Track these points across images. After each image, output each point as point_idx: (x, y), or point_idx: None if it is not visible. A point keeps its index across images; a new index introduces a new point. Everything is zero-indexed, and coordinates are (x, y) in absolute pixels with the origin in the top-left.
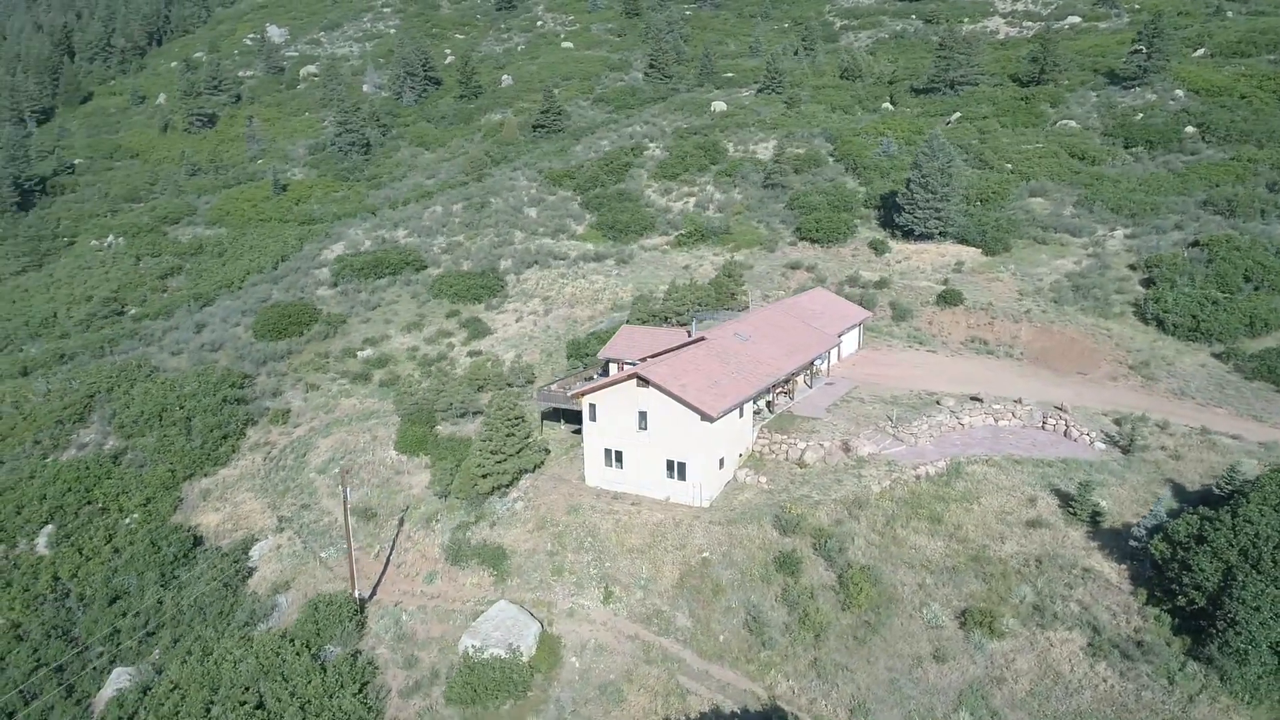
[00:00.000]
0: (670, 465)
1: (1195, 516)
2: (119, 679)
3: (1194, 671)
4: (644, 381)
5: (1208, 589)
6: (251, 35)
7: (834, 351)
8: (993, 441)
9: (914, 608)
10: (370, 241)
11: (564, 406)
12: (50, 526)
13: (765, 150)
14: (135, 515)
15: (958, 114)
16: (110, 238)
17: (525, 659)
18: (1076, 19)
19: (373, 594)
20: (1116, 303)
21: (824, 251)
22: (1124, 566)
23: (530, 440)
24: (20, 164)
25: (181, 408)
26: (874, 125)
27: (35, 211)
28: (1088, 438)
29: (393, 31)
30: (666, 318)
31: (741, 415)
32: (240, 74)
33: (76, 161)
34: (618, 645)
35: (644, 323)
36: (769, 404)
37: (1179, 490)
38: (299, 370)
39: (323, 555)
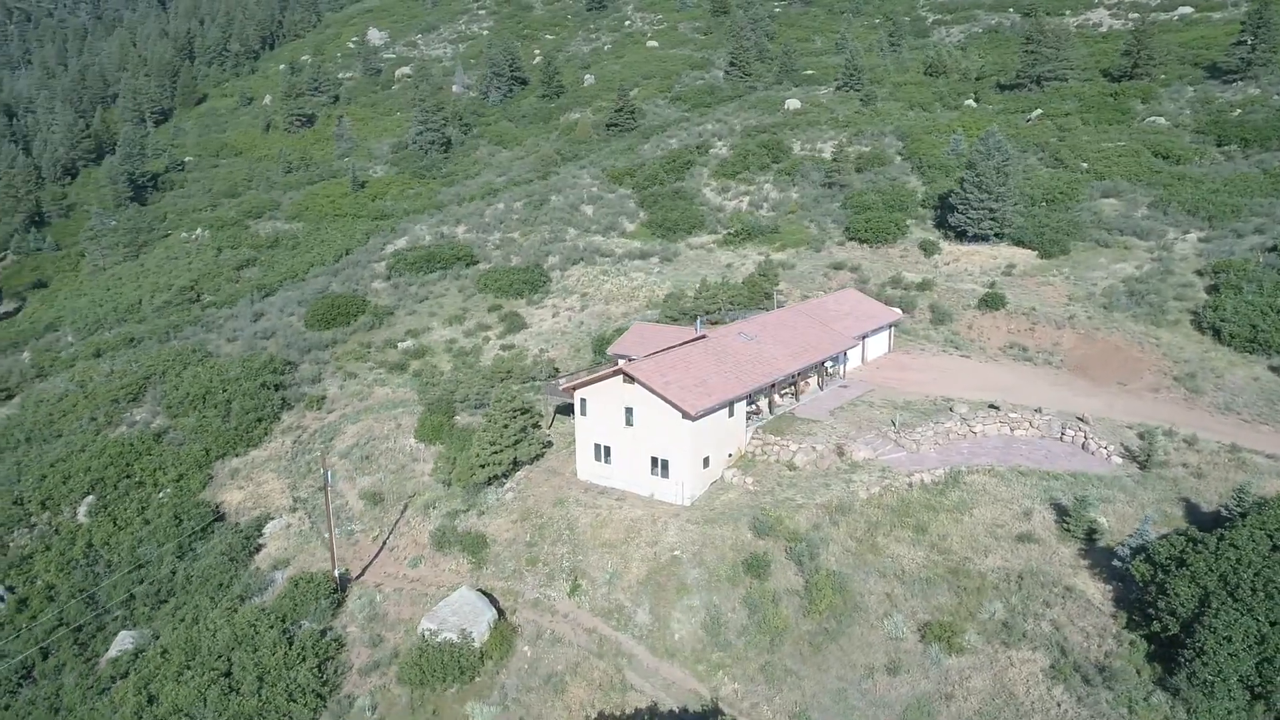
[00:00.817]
0: (655, 462)
1: (1181, 538)
2: (123, 641)
3: (1159, 703)
4: (630, 378)
5: (1182, 615)
6: (354, 39)
7: (858, 353)
8: (1003, 451)
9: (877, 618)
10: (431, 237)
11: (570, 401)
12: (91, 497)
13: (832, 149)
14: (168, 490)
15: (1038, 111)
16: (199, 231)
17: (477, 645)
18: (1188, 9)
19: (360, 575)
20: (1174, 310)
21: (872, 252)
22: (1110, 587)
23: (528, 433)
24: (135, 161)
25: (223, 391)
26: (950, 123)
27: (135, 206)
28: (1105, 451)
29: (485, 33)
30: (696, 315)
31: (731, 415)
32: (340, 76)
33: (187, 159)
34: (573, 637)
35: (674, 320)
36: (770, 404)
37: (1192, 510)
38: (340, 359)
39: (326, 536)
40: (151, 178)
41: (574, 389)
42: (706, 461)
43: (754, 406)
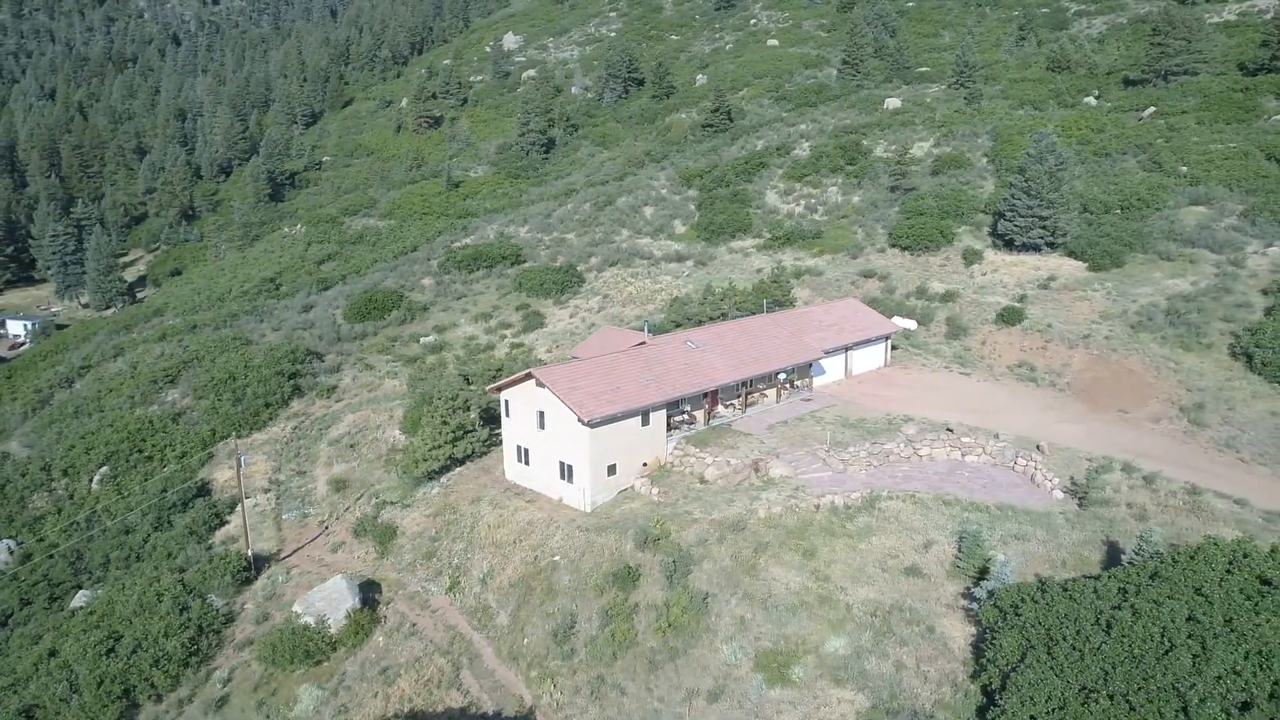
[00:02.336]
0: (562, 466)
1: (1033, 585)
2: (79, 598)
3: None
4: (540, 382)
5: (1002, 668)
6: (493, 43)
7: (839, 366)
8: (941, 477)
9: (723, 641)
10: (495, 236)
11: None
12: (105, 468)
13: (920, 149)
14: (172, 466)
15: (1150, 109)
16: (299, 226)
17: (333, 631)
18: None
19: (287, 555)
20: (1215, 332)
21: (910, 260)
22: (974, 631)
23: (468, 431)
24: (276, 160)
25: (244, 377)
26: (1058, 122)
27: (271, 202)
28: (1050, 484)
29: (613, 35)
30: (701, 320)
31: (646, 424)
32: (472, 79)
33: (325, 159)
34: (431, 632)
35: (678, 325)
36: (708, 415)
37: (1113, 554)
38: (365, 351)
39: (285, 517)
40: (290, 176)
41: (498, 390)
42: (613, 469)
43: (685, 416)
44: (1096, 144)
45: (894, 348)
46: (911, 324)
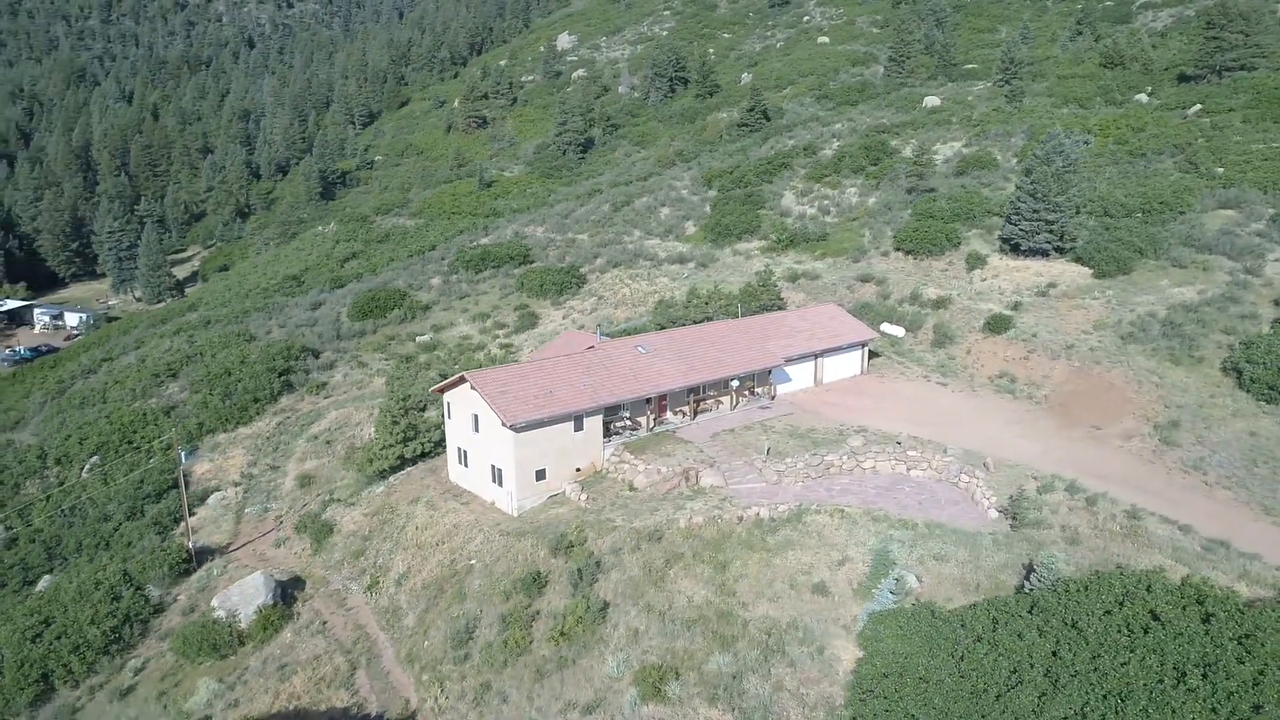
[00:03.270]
0: (493, 469)
1: (909, 610)
2: (43, 583)
3: None
4: (473, 385)
5: (860, 696)
6: (547, 43)
7: (808, 373)
8: (879, 492)
9: (612, 653)
10: (512, 235)
11: None
12: (95, 458)
13: (949, 149)
14: (157, 457)
15: (1196, 106)
16: (332, 224)
17: (242, 626)
18: None
19: (234, 549)
20: (1212, 345)
21: (912, 264)
22: (863, 654)
23: (418, 431)
24: (328, 160)
25: (239, 372)
26: (1091, 121)
27: (321, 200)
28: (987, 502)
29: (665, 34)
30: (684, 323)
31: (580, 429)
32: (524, 79)
33: (378, 158)
34: (339, 631)
35: (661, 328)
36: (654, 420)
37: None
38: (361, 349)
39: (247, 511)
40: (341, 175)
41: (440, 391)
42: (542, 474)
43: (627, 422)
44: (1133, 144)
45: (875, 355)
46: (899, 331)
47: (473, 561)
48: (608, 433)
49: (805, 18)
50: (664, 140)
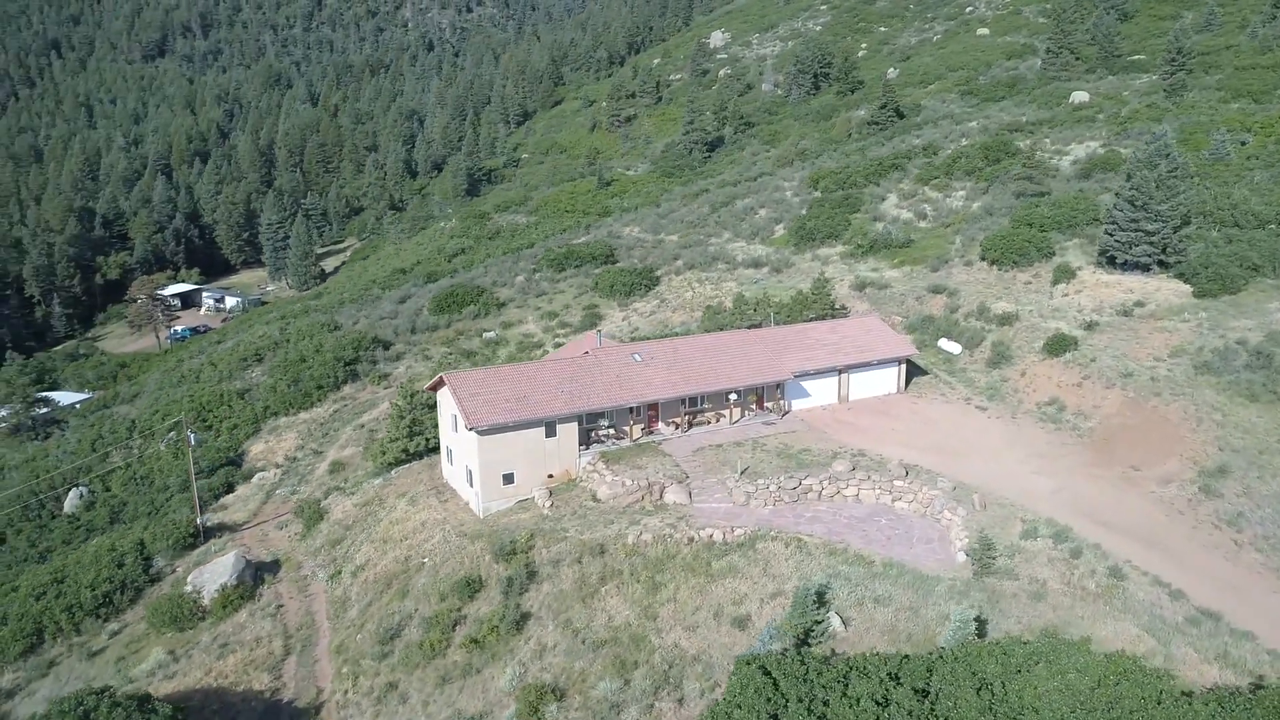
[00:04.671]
0: (466, 470)
1: (777, 656)
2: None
3: None
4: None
5: None
6: (699, 40)
7: (831, 389)
8: (851, 522)
9: (514, 666)
10: (606, 235)
11: None
12: (173, 434)
13: (1085, 150)
14: (224, 435)
15: None
16: (454, 220)
17: (205, 602)
18: None
19: (248, 527)
20: None
21: (995, 275)
22: None
23: (424, 427)
24: (475, 158)
25: (311, 361)
26: (1255, 120)
27: (467, 197)
28: (958, 543)
29: (819, 29)
30: (731, 329)
31: (552, 435)
32: (672, 77)
33: (524, 156)
34: (290, 616)
35: (708, 333)
36: (646, 430)
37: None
38: (430, 343)
39: (277, 493)
40: (487, 173)
41: (433, 390)
42: (509, 478)
43: (611, 430)
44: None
45: (923, 372)
46: (955, 347)
47: (425, 560)
48: (588, 441)
49: (968, 8)
50: (790, 139)
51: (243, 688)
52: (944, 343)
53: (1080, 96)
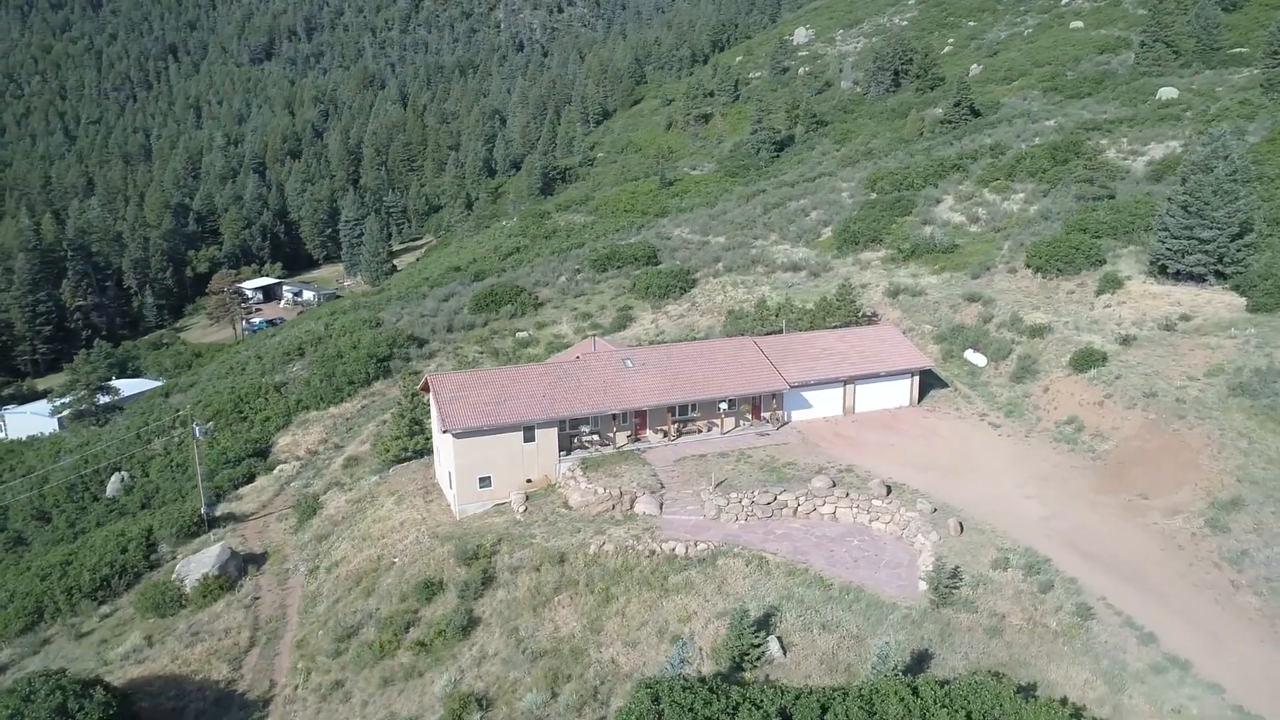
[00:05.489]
0: (447, 472)
1: (679, 682)
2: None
3: None
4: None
5: None
6: (784, 38)
7: (835, 401)
8: (820, 541)
9: (452, 671)
10: (656, 235)
11: None
12: (211, 423)
13: (1161, 150)
14: (256, 427)
15: None
16: (514, 218)
17: (187, 591)
18: None
19: (253, 517)
20: None
21: (1037, 283)
22: None
23: (425, 425)
24: (548, 157)
25: (346, 357)
26: None
27: (540, 196)
28: (922, 570)
29: (905, 24)
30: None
31: (531, 440)
32: (752, 75)
33: (599, 155)
34: (264, 608)
35: (729, 337)
36: (633, 437)
37: (916, 665)
38: (464, 342)
39: (292, 485)
40: (562, 172)
41: (424, 390)
42: (486, 481)
43: (595, 437)
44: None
45: (943, 385)
46: (981, 359)
47: (395, 560)
48: (570, 446)
49: (1064, 1)
50: (860, 138)
51: (201, 677)
52: (970, 354)
53: (1168, 93)
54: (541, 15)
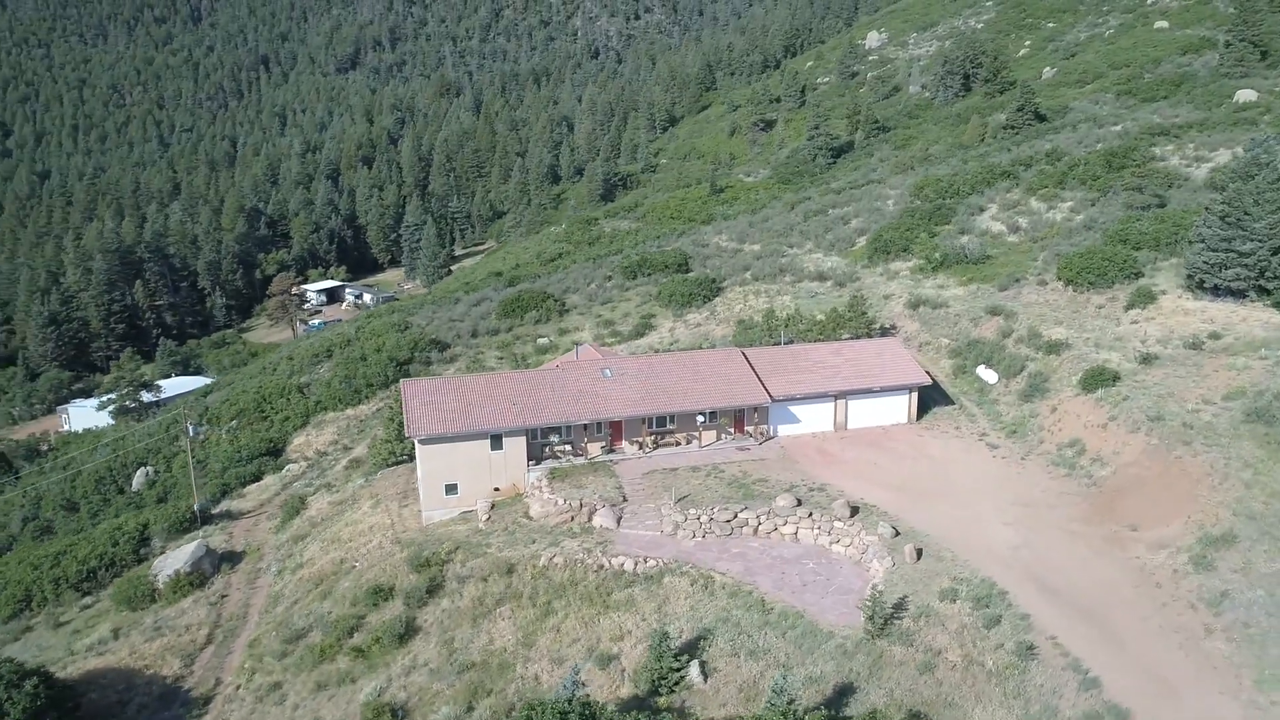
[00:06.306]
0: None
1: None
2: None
3: None
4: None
5: None
6: (855, 42)
7: (826, 416)
8: (774, 563)
9: (380, 680)
10: (692, 243)
11: None
12: (234, 422)
13: (1228, 156)
14: (275, 426)
15: None
16: (563, 224)
17: (159, 586)
18: None
19: (248, 515)
20: None
21: (1066, 297)
22: None
23: None
24: (611, 163)
25: (372, 359)
26: None
27: (600, 201)
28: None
29: (980, 26)
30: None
31: (499, 448)
32: (820, 80)
33: (662, 161)
34: (229, 606)
35: (739, 346)
36: (607, 448)
37: (838, 697)
38: (487, 346)
39: (295, 485)
40: (624, 178)
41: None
42: (454, 488)
43: (568, 447)
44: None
45: (949, 402)
46: (992, 376)
47: (356, 564)
48: (541, 456)
49: (1150, 0)
50: (920, 144)
51: (152, 671)
52: (981, 370)
53: (1247, 95)
54: (618, 23)
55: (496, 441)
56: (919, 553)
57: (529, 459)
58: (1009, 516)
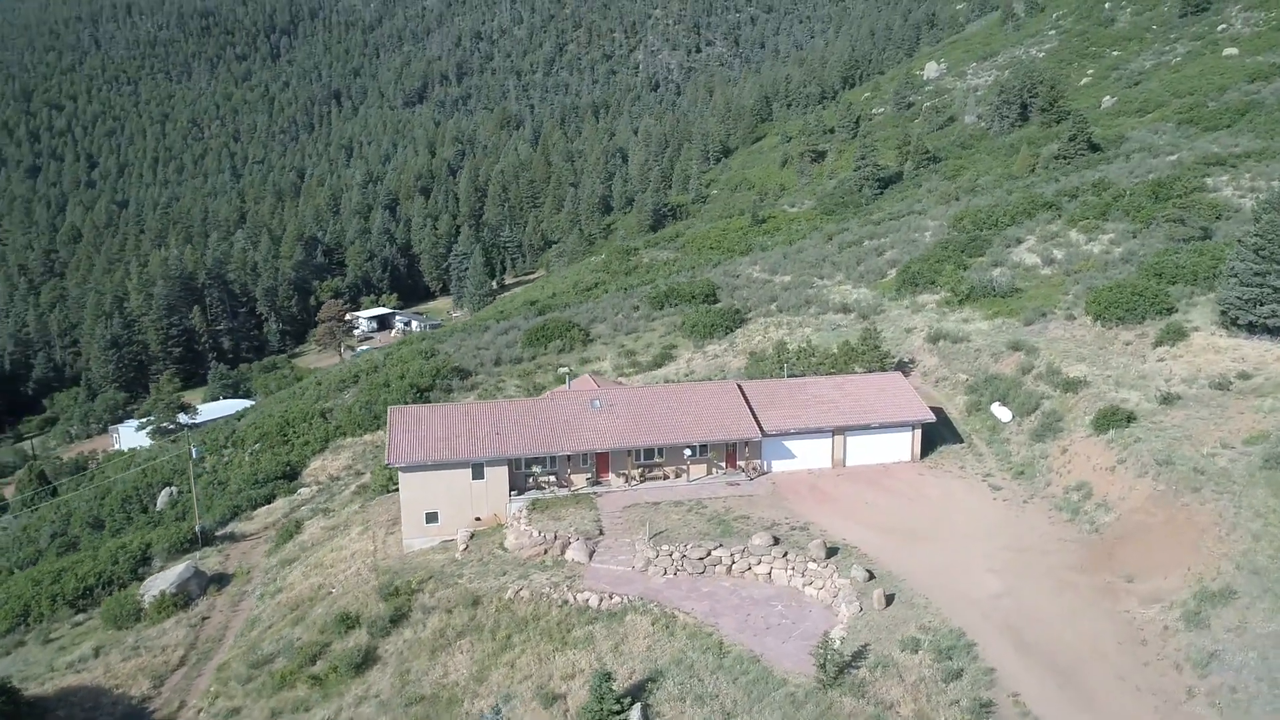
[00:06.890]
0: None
1: None
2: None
3: None
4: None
5: None
6: (913, 73)
7: (825, 452)
8: (742, 603)
9: (331, 711)
10: (724, 273)
11: None
12: (257, 444)
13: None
14: (295, 450)
15: None
16: (603, 254)
17: (145, 606)
18: None
19: (250, 538)
20: None
21: (1093, 333)
22: None
23: None
24: (661, 194)
25: (395, 385)
26: None
27: (648, 232)
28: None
29: (1042, 55)
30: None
31: (480, 477)
32: (875, 111)
33: (713, 193)
34: (208, 629)
35: (751, 379)
36: (593, 479)
37: None
38: (509, 375)
39: (304, 509)
40: (673, 209)
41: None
42: (434, 516)
43: (551, 477)
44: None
45: (959, 440)
46: (1005, 414)
47: (333, 590)
48: (525, 486)
49: (1220, 26)
50: (968, 175)
51: (121, 691)
52: (995, 407)
53: None
54: (680, 56)
55: (478, 471)
56: (889, 599)
57: (512, 489)
58: (997, 562)
